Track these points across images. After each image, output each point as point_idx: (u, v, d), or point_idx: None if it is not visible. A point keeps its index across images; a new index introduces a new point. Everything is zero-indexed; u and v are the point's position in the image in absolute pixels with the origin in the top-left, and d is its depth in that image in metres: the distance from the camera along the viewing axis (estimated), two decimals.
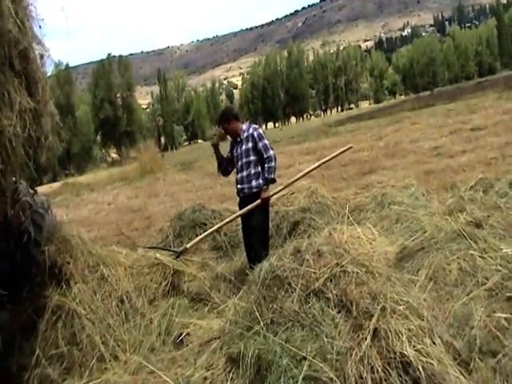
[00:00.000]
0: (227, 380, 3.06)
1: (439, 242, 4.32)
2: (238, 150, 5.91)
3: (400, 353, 2.99)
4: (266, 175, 5.73)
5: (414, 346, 3.04)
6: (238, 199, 6.18)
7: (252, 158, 5.82)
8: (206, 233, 6.24)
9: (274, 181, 5.82)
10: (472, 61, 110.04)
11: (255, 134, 5.83)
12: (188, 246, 6.04)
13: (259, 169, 5.84)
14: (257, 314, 3.26)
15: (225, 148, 6.19)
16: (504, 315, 3.53)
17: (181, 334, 4.76)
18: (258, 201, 5.75)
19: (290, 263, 3.49)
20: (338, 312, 3.23)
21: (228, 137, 6.17)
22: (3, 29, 4.25)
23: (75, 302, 4.91)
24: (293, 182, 6.30)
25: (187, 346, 4.36)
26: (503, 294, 3.69)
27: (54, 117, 5.07)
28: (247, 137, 5.84)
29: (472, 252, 4.10)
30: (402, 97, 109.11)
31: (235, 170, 6.08)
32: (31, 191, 5.72)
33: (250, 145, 5.82)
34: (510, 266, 3.92)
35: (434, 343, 3.18)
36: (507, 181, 6.25)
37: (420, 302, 3.48)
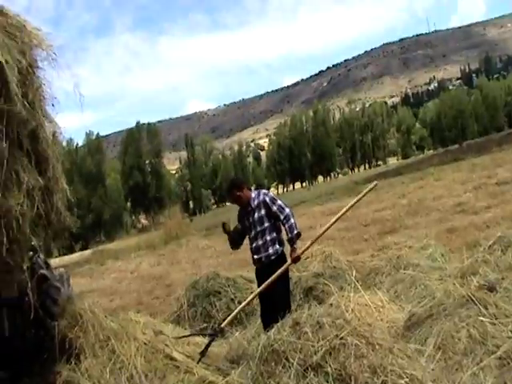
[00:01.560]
0: None
1: (448, 309, 4.20)
2: (251, 219, 5.72)
3: None
4: (290, 235, 5.52)
5: None
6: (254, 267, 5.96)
7: (266, 224, 5.66)
8: (238, 308, 5.98)
9: (299, 235, 5.59)
10: (501, 111, 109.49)
11: (267, 199, 5.68)
12: (223, 325, 5.87)
13: (274, 234, 5.69)
14: None
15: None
16: None
17: None
18: (289, 262, 5.55)
19: (288, 336, 3.43)
20: None
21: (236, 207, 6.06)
22: (11, 111, 4.42)
23: (85, 377, 4.88)
24: (322, 234, 5.95)
25: None
26: None
27: (66, 192, 5.17)
28: (258, 204, 5.68)
29: (482, 318, 3.97)
30: (431, 151, 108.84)
31: (248, 239, 5.88)
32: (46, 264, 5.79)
33: (263, 212, 5.66)
34: None
35: None
36: None
37: (425, 373, 3.36)
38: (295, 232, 5.52)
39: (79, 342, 5.20)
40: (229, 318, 5.88)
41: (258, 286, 5.88)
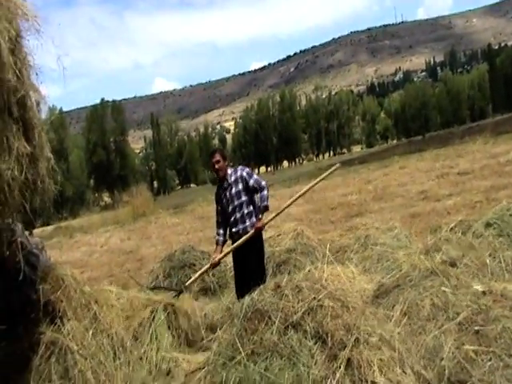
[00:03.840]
0: None
1: (414, 280, 4.55)
2: (228, 195, 5.99)
3: (372, 381, 3.21)
4: (260, 203, 5.86)
5: (384, 375, 3.26)
6: (230, 242, 6.19)
7: (244, 198, 5.94)
8: (203, 269, 6.31)
9: (267, 208, 5.91)
10: (464, 105, 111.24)
11: (244, 173, 5.97)
12: (187, 284, 6.21)
13: (251, 208, 5.97)
14: (238, 345, 3.47)
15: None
16: (472, 347, 3.75)
17: (170, 369, 4.96)
18: (252, 231, 5.86)
19: (270, 298, 3.72)
20: (315, 343, 3.45)
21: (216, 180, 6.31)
22: (3, 79, 4.60)
23: (68, 338, 5.09)
24: (285, 208, 6.33)
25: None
26: (472, 327, 3.92)
27: (50, 161, 5.38)
28: (236, 179, 5.96)
29: (444, 289, 4.33)
30: (394, 141, 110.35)
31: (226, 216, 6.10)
32: (26, 232, 5.95)
33: (241, 186, 5.93)
34: (479, 301, 4.16)
35: (405, 373, 3.39)
36: (483, 222, 6.53)
37: (393, 334, 3.70)
38: (265, 203, 5.87)
39: (62, 306, 5.40)
40: (193, 277, 6.28)
41: (234, 258, 6.20)
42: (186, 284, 6.22)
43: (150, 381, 4.98)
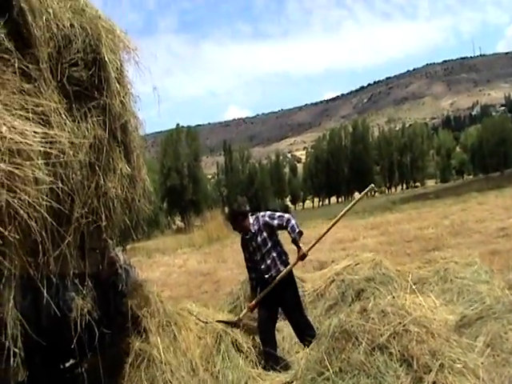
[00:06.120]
0: None
1: (497, 313, 4.60)
2: (254, 244, 6.09)
3: None
4: (293, 235, 5.87)
5: None
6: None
7: (270, 244, 6.03)
8: (243, 312, 6.48)
9: (301, 234, 5.96)
10: None
11: (266, 219, 6.07)
12: (241, 316, 6.43)
13: (279, 248, 6.10)
14: (327, 362, 3.65)
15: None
16: None
17: None
18: (295, 260, 6.00)
19: (357, 320, 3.89)
20: (400, 365, 3.58)
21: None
22: (111, 105, 5.09)
23: (154, 350, 5.40)
24: (327, 232, 6.41)
25: None
26: None
27: (146, 182, 5.83)
28: (259, 228, 6.06)
29: None
30: (470, 177, 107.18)
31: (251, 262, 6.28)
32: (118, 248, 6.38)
33: (265, 234, 6.03)
34: None
35: None
36: None
37: (477, 363, 3.77)
38: (297, 231, 5.89)
39: (146, 322, 5.75)
40: (244, 311, 6.45)
41: (264, 300, 6.19)
42: (241, 316, 6.41)
43: None
